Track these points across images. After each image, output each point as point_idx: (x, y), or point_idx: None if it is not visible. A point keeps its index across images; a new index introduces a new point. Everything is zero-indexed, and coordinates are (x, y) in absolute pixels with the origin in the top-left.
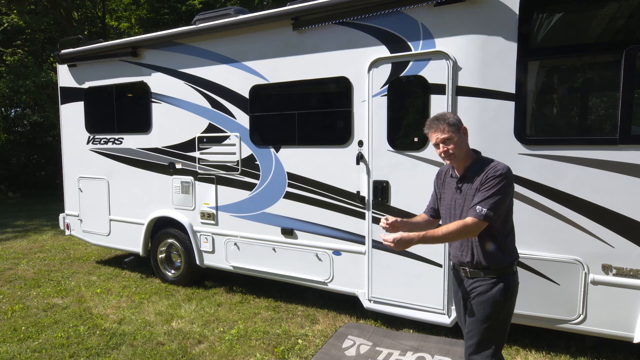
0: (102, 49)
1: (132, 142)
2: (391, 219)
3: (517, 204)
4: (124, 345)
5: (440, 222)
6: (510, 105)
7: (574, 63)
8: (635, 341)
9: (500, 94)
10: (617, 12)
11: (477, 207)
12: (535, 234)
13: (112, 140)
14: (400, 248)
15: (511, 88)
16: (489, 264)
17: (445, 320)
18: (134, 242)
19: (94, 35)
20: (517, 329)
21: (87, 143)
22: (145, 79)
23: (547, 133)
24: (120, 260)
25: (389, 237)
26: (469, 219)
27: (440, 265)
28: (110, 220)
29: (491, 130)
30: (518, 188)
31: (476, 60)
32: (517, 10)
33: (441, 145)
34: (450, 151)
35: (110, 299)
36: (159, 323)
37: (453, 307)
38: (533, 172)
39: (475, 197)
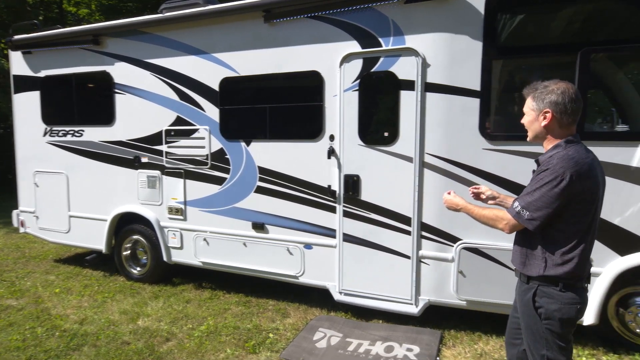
0: (61, 35)
1: (93, 134)
2: (483, 188)
3: None
4: (86, 346)
5: None
6: (476, 102)
7: (535, 63)
8: (585, 323)
9: (466, 91)
10: (573, 15)
11: (515, 202)
12: None
13: (72, 132)
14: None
15: (477, 86)
16: (521, 270)
17: (413, 310)
18: (96, 239)
19: (49, 21)
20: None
21: (44, 135)
22: (107, 68)
23: (509, 129)
24: (81, 259)
25: (448, 191)
26: (503, 212)
27: (408, 257)
28: (70, 216)
29: (458, 125)
30: (482, 182)
31: (444, 57)
32: (482, 11)
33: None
34: (523, 122)
35: (71, 298)
36: (124, 322)
37: (420, 297)
38: (496, 167)
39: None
